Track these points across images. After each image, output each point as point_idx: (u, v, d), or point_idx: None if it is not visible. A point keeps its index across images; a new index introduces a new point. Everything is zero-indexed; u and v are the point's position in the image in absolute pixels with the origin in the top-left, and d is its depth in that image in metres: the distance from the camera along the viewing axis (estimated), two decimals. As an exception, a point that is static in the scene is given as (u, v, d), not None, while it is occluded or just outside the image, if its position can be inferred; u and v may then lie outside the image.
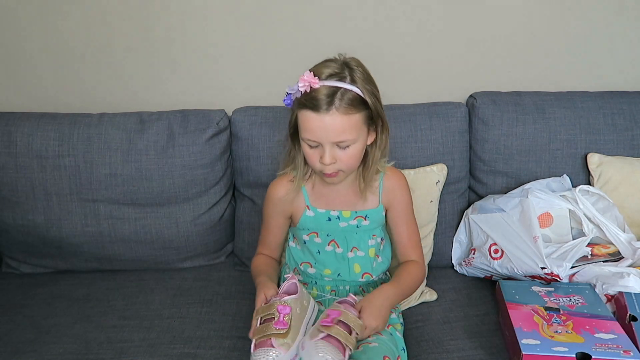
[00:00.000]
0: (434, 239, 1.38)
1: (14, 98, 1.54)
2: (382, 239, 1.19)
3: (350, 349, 0.96)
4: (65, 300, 1.32)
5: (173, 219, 1.40)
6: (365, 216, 1.14)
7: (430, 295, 1.31)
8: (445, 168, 1.36)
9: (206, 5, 1.46)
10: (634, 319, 1.05)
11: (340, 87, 0.97)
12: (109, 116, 1.40)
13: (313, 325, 1.01)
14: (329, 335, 0.94)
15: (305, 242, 1.17)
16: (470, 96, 1.46)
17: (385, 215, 1.18)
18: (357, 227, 1.15)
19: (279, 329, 0.94)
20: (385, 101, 1.42)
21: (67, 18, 1.47)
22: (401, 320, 1.21)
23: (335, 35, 1.47)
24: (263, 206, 1.21)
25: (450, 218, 1.44)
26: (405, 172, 1.34)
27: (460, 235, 1.42)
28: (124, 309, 1.28)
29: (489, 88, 1.48)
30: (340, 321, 0.97)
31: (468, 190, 1.48)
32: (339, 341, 0.94)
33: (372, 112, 1.02)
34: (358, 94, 0.99)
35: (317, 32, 1.48)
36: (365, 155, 1.09)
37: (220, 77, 1.53)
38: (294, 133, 1.07)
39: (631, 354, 0.95)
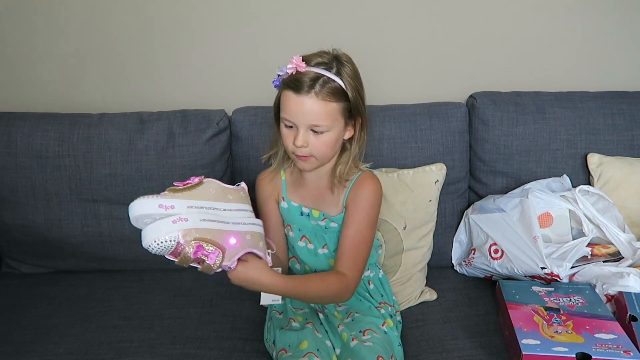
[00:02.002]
0: (433, 239, 1.37)
1: (14, 98, 1.54)
2: None
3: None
4: (65, 300, 1.32)
5: (173, 219, 1.40)
6: (333, 220, 1.13)
7: (430, 295, 1.32)
8: (444, 167, 1.36)
9: (206, 6, 1.46)
10: (634, 319, 1.05)
11: (324, 75, 1.00)
12: (109, 116, 1.40)
13: None
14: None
15: (287, 235, 1.18)
16: (470, 96, 1.46)
17: None
18: (326, 227, 1.14)
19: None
20: (385, 101, 1.44)
21: (67, 19, 1.47)
22: (399, 318, 1.21)
23: (336, 36, 1.46)
24: (256, 201, 1.20)
25: (450, 218, 1.44)
26: (405, 171, 1.34)
27: (460, 235, 1.42)
28: (124, 309, 1.28)
29: (489, 88, 1.48)
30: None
31: (468, 190, 1.48)
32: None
33: (351, 105, 1.04)
34: (340, 85, 1.02)
35: (317, 32, 1.48)
36: (344, 150, 1.11)
37: (220, 77, 1.53)
38: (278, 114, 1.09)
39: (631, 354, 0.96)
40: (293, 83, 1.00)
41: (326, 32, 1.48)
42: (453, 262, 1.43)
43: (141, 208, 0.88)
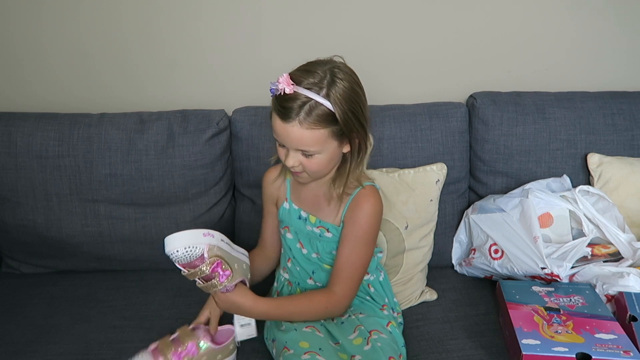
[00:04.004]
0: (434, 238, 1.37)
1: (14, 98, 1.54)
2: None
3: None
4: (65, 300, 1.32)
5: (173, 219, 1.40)
6: (328, 229, 1.12)
7: (431, 295, 1.32)
8: (445, 167, 1.36)
9: (206, 6, 1.46)
10: (634, 319, 1.05)
11: (311, 99, 0.95)
12: (109, 116, 1.40)
13: None
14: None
15: (284, 237, 1.18)
16: (470, 96, 1.46)
17: None
18: (320, 235, 1.13)
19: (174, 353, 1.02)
20: (385, 101, 1.44)
21: (67, 19, 1.47)
22: (400, 320, 1.21)
23: (336, 36, 1.47)
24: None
25: (450, 218, 1.44)
26: (406, 171, 1.34)
27: (460, 235, 1.42)
28: (124, 309, 1.28)
29: (489, 88, 1.48)
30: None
31: (468, 190, 1.48)
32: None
33: (342, 127, 0.98)
34: (329, 109, 0.96)
35: (317, 31, 1.48)
36: (345, 161, 1.08)
37: (220, 77, 1.53)
38: None
39: (631, 354, 0.96)
40: (279, 109, 0.96)
41: (326, 32, 1.48)
42: (453, 262, 1.43)
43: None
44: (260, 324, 1.21)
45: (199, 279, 0.95)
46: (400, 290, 1.29)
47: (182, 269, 0.94)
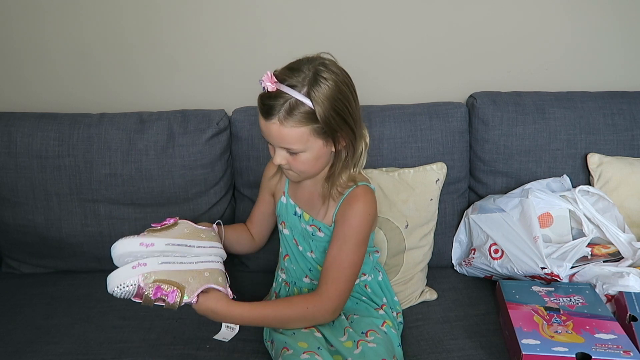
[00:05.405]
0: (434, 238, 1.37)
1: (14, 98, 1.54)
2: None
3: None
4: (65, 300, 1.32)
5: (173, 219, 1.40)
6: (320, 228, 1.11)
7: (430, 295, 1.32)
8: (445, 167, 1.36)
9: (206, 6, 1.46)
10: (634, 319, 1.05)
11: (291, 97, 0.94)
12: (109, 116, 1.40)
13: None
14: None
15: (281, 233, 1.19)
16: (470, 96, 1.46)
17: None
18: (313, 234, 1.12)
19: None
20: (385, 101, 1.44)
21: (67, 20, 1.47)
22: (400, 319, 1.21)
23: (336, 36, 1.47)
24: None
25: (450, 218, 1.44)
26: (406, 170, 1.34)
27: (460, 235, 1.42)
28: (124, 309, 1.27)
29: (489, 88, 1.48)
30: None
31: (468, 190, 1.48)
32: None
33: (323, 127, 0.97)
34: (310, 108, 0.95)
35: (316, 32, 1.48)
36: (338, 159, 1.06)
37: (220, 77, 1.53)
38: None
39: (631, 354, 0.96)
40: (261, 107, 0.97)
41: (326, 32, 1.48)
42: (453, 262, 1.43)
43: (124, 247, 0.97)
44: (260, 327, 1.22)
45: (157, 303, 0.94)
46: (400, 290, 1.29)
47: (135, 300, 0.95)
